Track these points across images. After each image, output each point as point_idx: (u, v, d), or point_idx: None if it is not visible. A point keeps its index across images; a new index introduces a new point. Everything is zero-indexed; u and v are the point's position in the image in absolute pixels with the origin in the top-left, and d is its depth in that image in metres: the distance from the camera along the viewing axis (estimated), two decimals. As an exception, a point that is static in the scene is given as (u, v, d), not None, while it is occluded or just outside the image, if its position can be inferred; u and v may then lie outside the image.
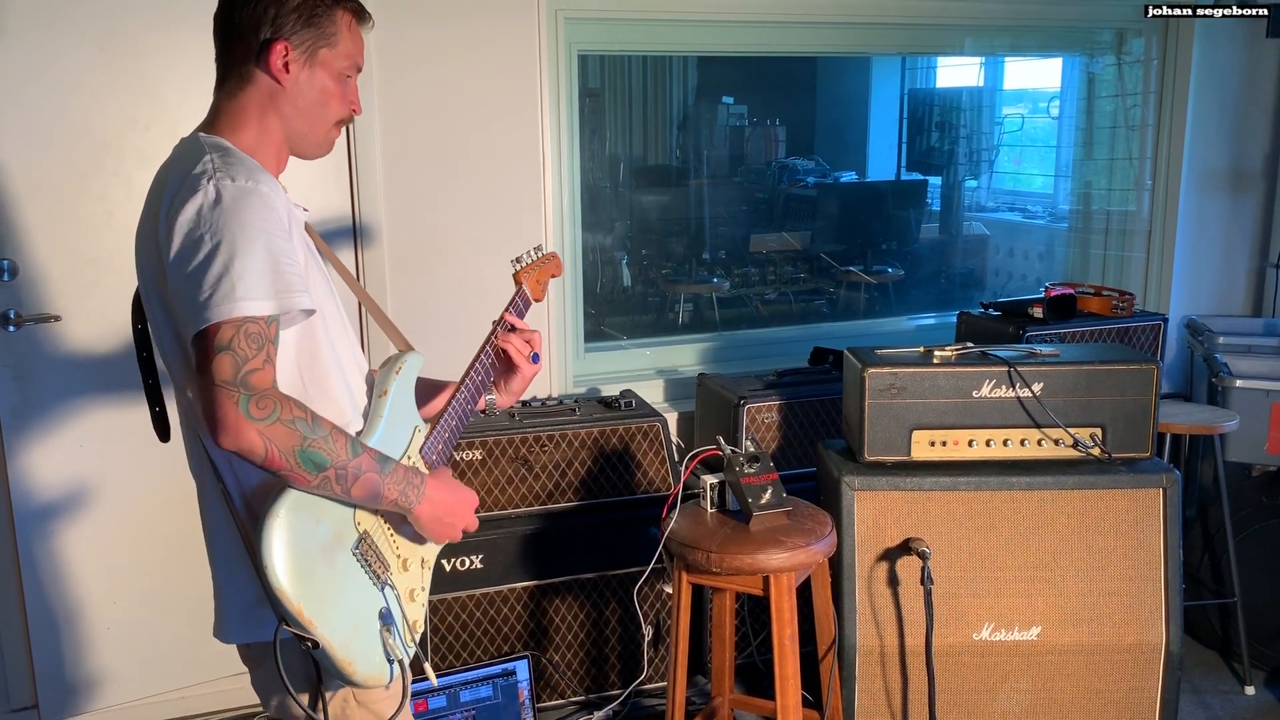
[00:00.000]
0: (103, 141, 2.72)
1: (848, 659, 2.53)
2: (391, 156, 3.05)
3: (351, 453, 1.41)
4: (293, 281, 1.41)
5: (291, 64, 1.54)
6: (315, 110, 1.59)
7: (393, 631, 1.52)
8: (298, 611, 1.38)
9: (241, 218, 1.39)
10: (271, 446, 1.34)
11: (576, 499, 2.98)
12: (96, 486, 2.84)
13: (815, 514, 2.39)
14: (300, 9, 1.53)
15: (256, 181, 1.43)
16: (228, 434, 1.33)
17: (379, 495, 1.47)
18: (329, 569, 1.45)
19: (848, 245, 5.56)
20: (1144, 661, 2.52)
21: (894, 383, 2.53)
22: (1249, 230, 4.17)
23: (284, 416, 1.35)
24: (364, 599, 1.51)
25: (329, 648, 1.41)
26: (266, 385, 1.35)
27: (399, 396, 1.63)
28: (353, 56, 1.61)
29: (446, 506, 1.58)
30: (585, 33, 3.36)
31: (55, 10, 2.61)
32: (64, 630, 2.86)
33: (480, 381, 1.79)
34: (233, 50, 1.55)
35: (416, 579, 1.64)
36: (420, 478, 1.54)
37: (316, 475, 1.38)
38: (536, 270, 1.97)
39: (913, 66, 6.47)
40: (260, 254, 1.38)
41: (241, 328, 1.34)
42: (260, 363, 1.35)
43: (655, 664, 3.04)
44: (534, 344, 1.85)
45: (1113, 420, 2.55)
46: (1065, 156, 4.58)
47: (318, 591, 1.41)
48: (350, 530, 1.50)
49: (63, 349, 2.76)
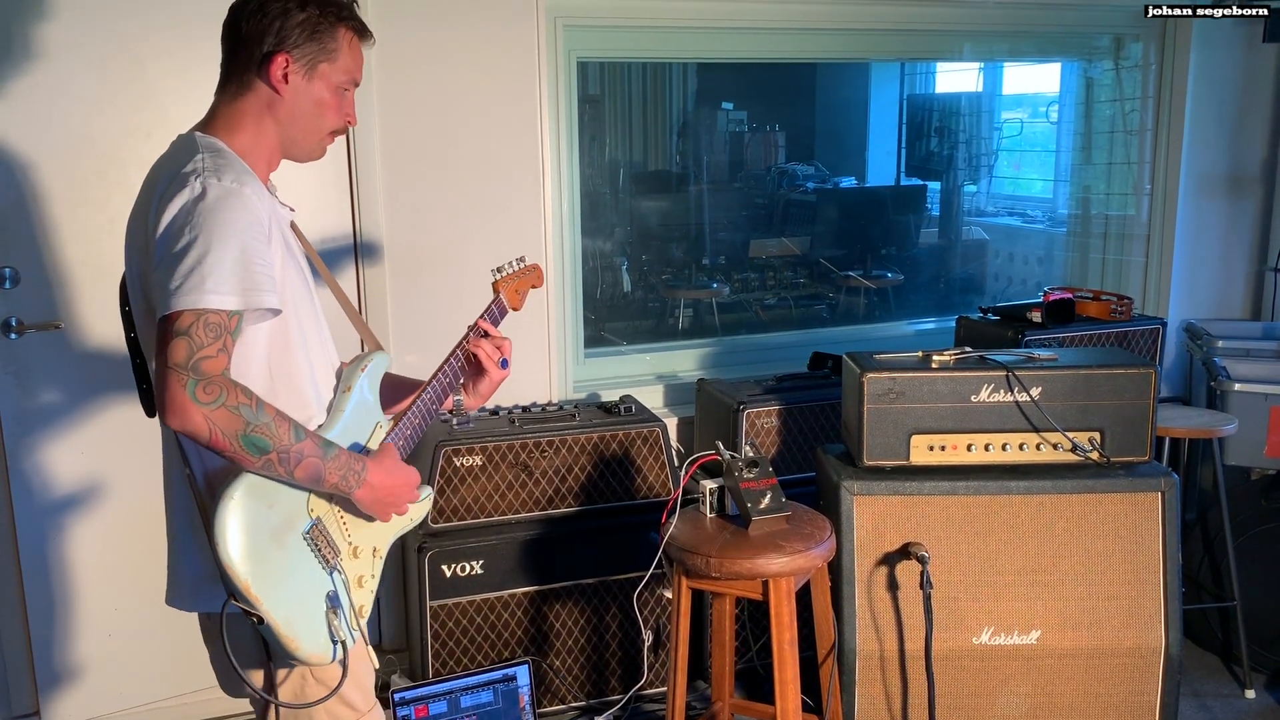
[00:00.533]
0: (104, 150, 2.73)
1: (847, 663, 2.54)
2: (391, 163, 3.06)
3: (294, 437, 1.49)
4: (261, 281, 1.49)
5: (291, 75, 1.62)
6: (310, 120, 1.66)
7: (339, 614, 1.60)
8: (245, 587, 1.46)
9: (222, 216, 1.47)
10: (215, 429, 1.42)
11: (577, 504, 2.98)
12: (98, 493, 2.84)
13: (814, 519, 2.40)
14: (304, 24, 1.61)
15: (241, 184, 1.52)
16: (175, 414, 1.42)
17: (320, 478, 1.55)
18: (279, 550, 1.53)
19: (847, 250, 5.56)
20: (1144, 665, 2.52)
21: (893, 387, 2.54)
22: (1247, 234, 4.17)
23: (229, 402, 1.43)
24: (312, 581, 1.58)
25: (273, 624, 1.49)
26: (216, 372, 1.43)
27: (362, 393, 1.73)
28: (351, 72, 1.69)
29: (385, 489, 1.66)
30: (585, 40, 3.38)
31: (56, 19, 2.62)
32: (66, 637, 2.87)
33: (448, 383, 1.87)
34: (237, 57, 1.63)
35: (366, 566, 1.71)
36: (361, 463, 1.61)
37: (260, 458, 1.46)
38: (516, 280, 2.05)
39: (912, 72, 6.48)
40: (233, 252, 1.46)
41: (202, 317, 1.43)
42: (214, 351, 1.44)
43: (655, 669, 3.05)
44: (504, 350, 1.94)
45: (1111, 424, 2.55)
46: (1064, 161, 4.58)
47: (266, 570, 1.49)
48: (303, 516, 1.59)
49: (64, 356, 2.76)
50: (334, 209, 3.02)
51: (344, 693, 1.69)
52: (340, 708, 1.72)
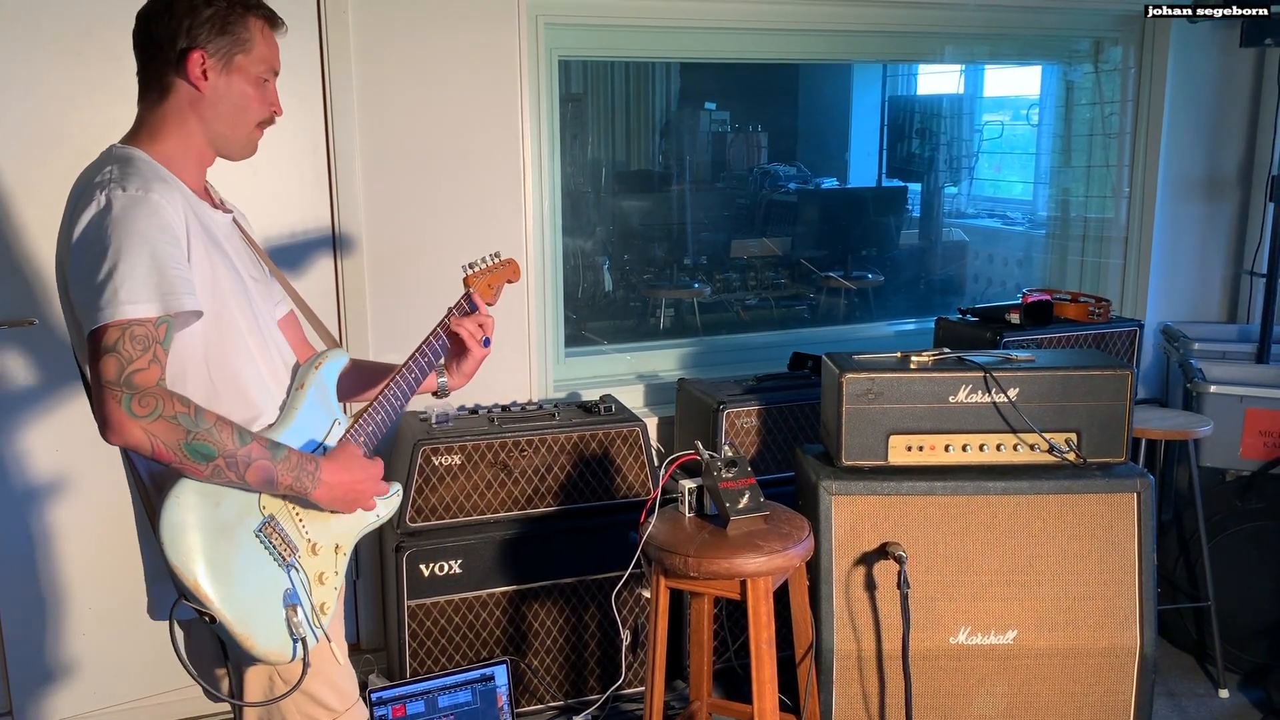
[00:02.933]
0: (80, 146, 2.68)
1: (825, 663, 2.54)
2: (371, 161, 3.05)
3: (238, 442, 1.48)
4: (177, 285, 1.47)
5: (209, 71, 1.62)
6: (235, 114, 1.67)
7: (299, 611, 1.58)
8: (194, 585, 1.45)
9: (127, 226, 1.46)
10: (156, 441, 1.41)
11: (556, 503, 2.98)
12: (71, 491, 2.82)
13: (793, 518, 2.40)
14: (213, 19, 1.62)
15: (147, 190, 1.50)
16: (114, 431, 1.40)
17: (273, 481, 1.53)
18: (229, 547, 1.52)
19: (828, 251, 5.58)
20: (1119, 665, 2.54)
21: (871, 388, 2.54)
22: (1224, 237, 4.21)
23: (165, 412, 1.41)
24: (266, 579, 1.57)
25: (226, 622, 1.48)
26: (150, 384, 1.42)
27: (316, 391, 1.71)
28: (268, 60, 1.69)
29: (344, 488, 1.64)
30: (566, 38, 3.37)
31: (30, 15, 2.60)
32: (39, 636, 2.84)
33: (414, 378, 1.86)
34: (152, 63, 1.64)
35: (328, 563, 1.69)
36: (315, 463, 1.60)
37: (206, 465, 1.45)
38: (489, 275, 2.04)
39: (894, 74, 6.51)
40: (144, 259, 1.45)
41: (127, 330, 1.42)
42: (145, 363, 1.42)
43: (634, 668, 3.04)
44: (486, 329, 1.94)
45: (1088, 425, 2.56)
46: (1044, 164, 4.61)
47: (214, 569, 1.48)
48: (254, 513, 1.57)
49: (37, 353, 2.74)
50: (313, 207, 2.99)
51: (314, 692, 1.67)
52: (313, 707, 1.70)
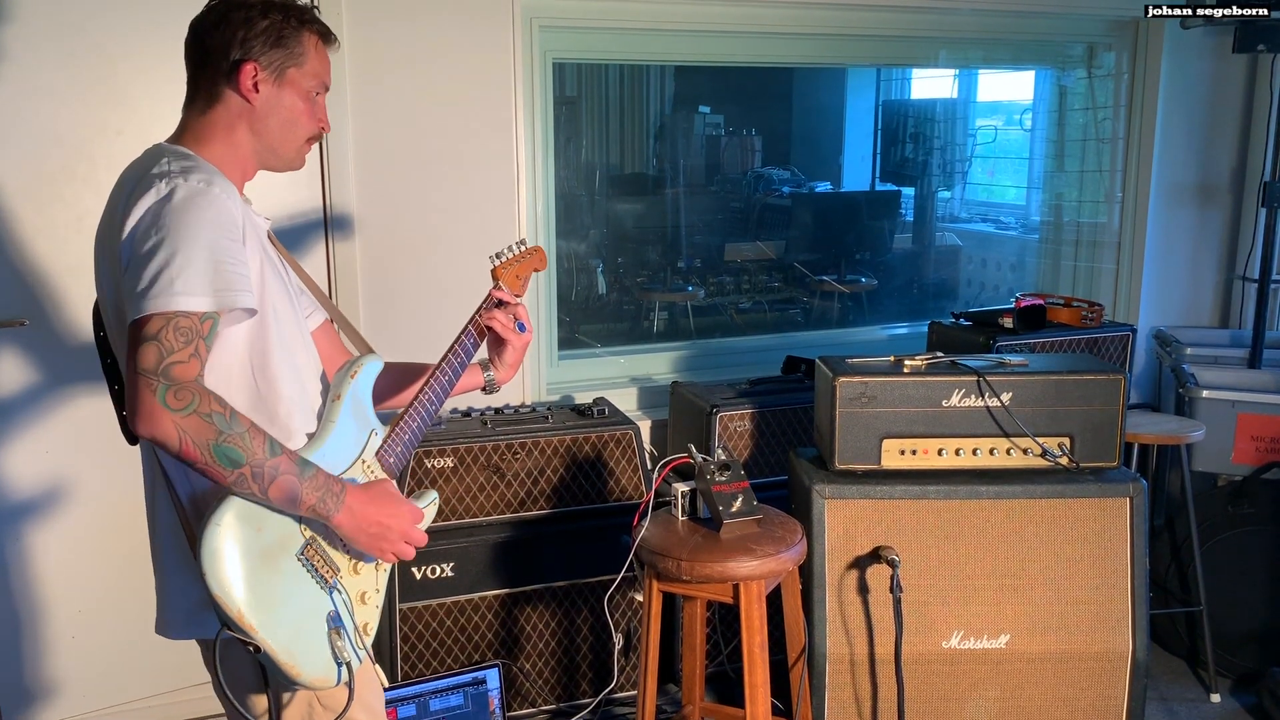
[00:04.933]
0: (73, 147, 2.70)
1: (818, 667, 2.54)
2: (364, 163, 3.04)
3: (269, 452, 1.42)
4: (234, 281, 1.44)
5: (261, 84, 1.60)
6: (284, 128, 1.64)
7: (342, 634, 1.54)
8: (238, 616, 1.41)
9: (190, 216, 1.43)
10: (186, 437, 1.36)
11: (548, 507, 2.97)
12: (60, 493, 2.81)
13: (786, 522, 2.40)
14: (268, 31, 1.59)
15: (209, 184, 1.48)
16: (144, 421, 1.36)
17: (297, 499, 1.46)
18: (272, 574, 1.47)
19: (822, 255, 5.58)
20: (1111, 669, 2.54)
21: (864, 391, 2.54)
22: (1216, 243, 4.22)
23: (200, 409, 1.37)
24: (310, 603, 1.52)
25: (271, 652, 1.44)
26: (188, 378, 1.38)
27: (353, 400, 1.65)
28: (320, 75, 1.67)
29: (369, 519, 1.56)
30: (560, 41, 3.37)
31: (23, 14, 2.59)
32: (27, 638, 2.83)
33: (447, 381, 1.81)
34: (204, 71, 1.61)
35: (370, 581, 1.65)
36: (341, 486, 1.53)
37: (232, 471, 1.39)
38: (516, 265, 1.97)
39: (887, 78, 6.52)
40: (203, 252, 1.42)
41: (171, 321, 1.38)
42: (185, 356, 1.38)
43: (626, 672, 3.04)
44: (520, 315, 1.90)
45: (1081, 430, 2.57)
46: (1037, 168, 4.62)
47: (259, 597, 1.43)
48: (295, 536, 1.52)
49: (29, 353, 2.73)
50: (306, 209, 2.99)
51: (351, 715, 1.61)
52: None
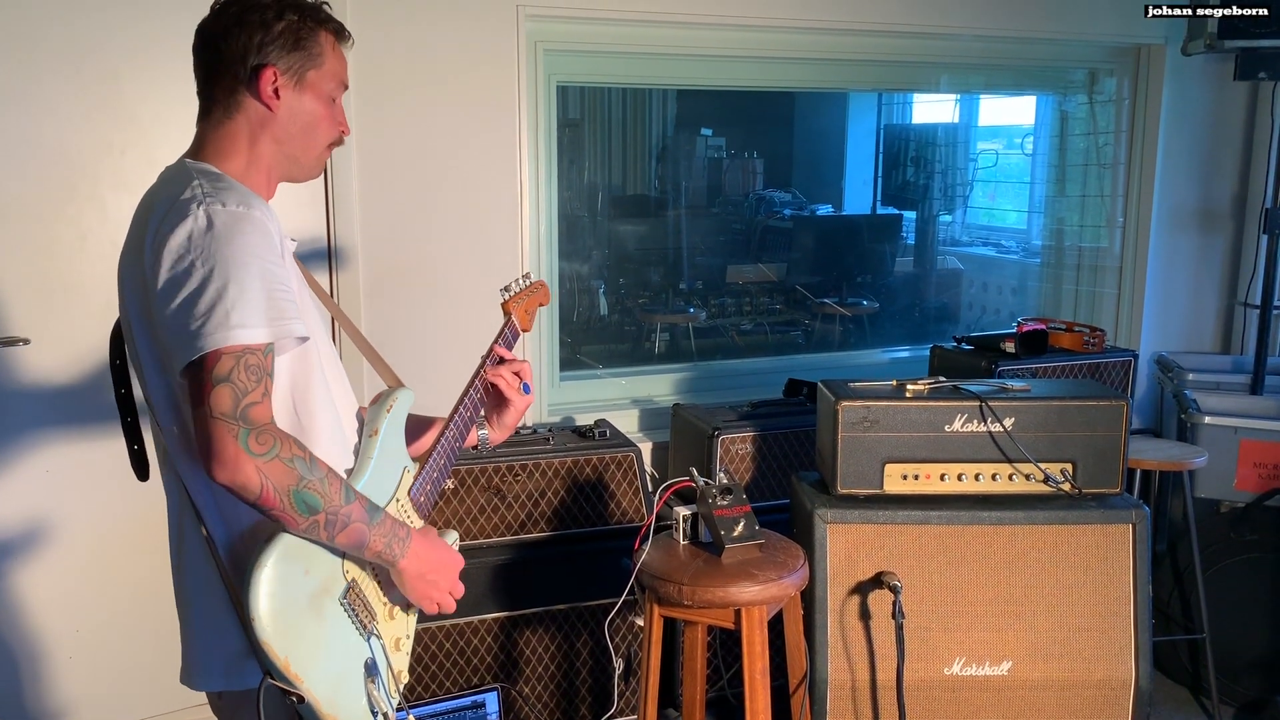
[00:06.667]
0: (78, 166, 2.71)
1: (819, 693, 2.52)
2: (368, 185, 3.05)
3: (345, 499, 1.38)
4: (286, 308, 1.37)
5: (281, 89, 1.52)
6: (306, 134, 1.57)
7: (377, 683, 1.48)
8: (284, 665, 1.34)
9: (234, 243, 1.35)
10: (267, 484, 1.29)
11: (549, 529, 2.96)
12: (61, 514, 2.80)
13: (788, 547, 2.39)
14: (285, 33, 1.52)
15: (249, 206, 1.40)
16: (225, 468, 1.28)
17: (364, 545, 1.43)
18: (317, 620, 1.41)
19: (823, 278, 5.59)
20: (1114, 697, 2.52)
21: (867, 416, 2.54)
22: (1218, 268, 4.22)
23: (283, 454, 1.31)
24: (350, 650, 1.47)
25: (315, 703, 1.37)
26: (266, 420, 1.31)
27: (389, 436, 1.59)
28: (339, 75, 1.60)
29: (431, 563, 1.54)
30: (564, 64, 3.38)
31: (30, 34, 2.60)
32: (25, 659, 2.81)
33: (469, 417, 1.75)
34: (219, 80, 1.52)
35: (403, 627, 1.60)
36: (406, 531, 1.50)
37: (308, 518, 1.34)
38: (526, 299, 1.93)
39: (889, 102, 6.55)
40: (255, 280, 1.34)
41: (241, 359, 1.30)
42: (259, 395, 1.31)
43: (626, 697, 3.02)
44: (524, 375, 1.82)
45: (1083, 456, 2.56)
46: (1038, 193, 4.63)
47: (305, 644, 1.37)
48: (339, 579, 1.46)
49: (30, 373, 2.73)
50: (310, 227, 2.99)
51: None
52: None
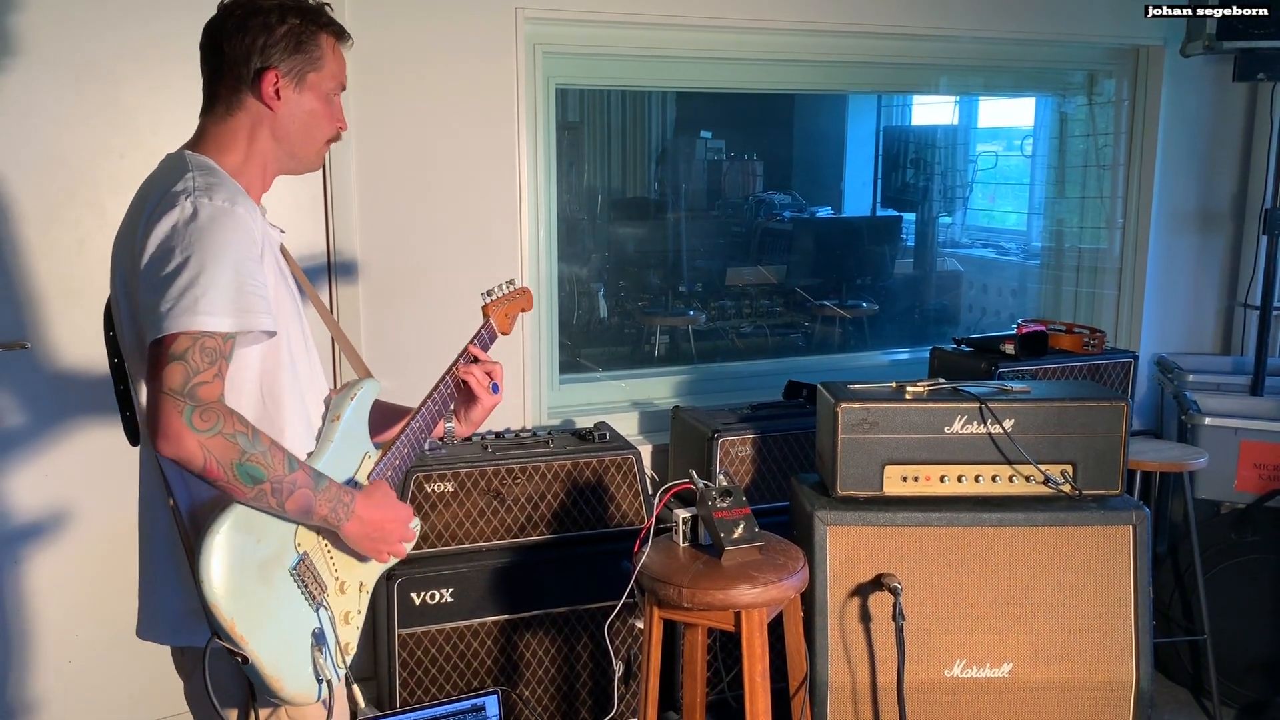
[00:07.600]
0: (77, 170, 2.71)
1: (819, 695, 2.52)
2: (368, 187, 3.05)
3: (288, 468, 1.46)
4: (255, 303, 1.46)
5: (282, 90, 1.61)
6: (305, 132, 1.66)
7: (324, 652, 1.56)
8: (230, 627, 1.42)
9: (214, 236, 1.44)
10: (210, 457, 1.38)
11: (549, 532, 2.96)
12: (61, 517, 2.80)
13: (788, 549, 2.39)
14: (287, 37, 1.60)
15: (234, 203, 1.48)
16: (169, 441, 1.38)
17: (310, 510, 1.51)
18: (265, 587, 1.49)
19: (823, 280, 5.59)
20: (1115, 699, 2.52)
21: (866, 417, 2.54)
22: (1217, 270, 4.22)
23: (225, 430, 1.39)
24: (298, 619, 1.55)
25: (258, 664, 1.46)
26: (213, 398, 1.40)
27: (351, 422, 1.69)
28: (338, 76, 1.68)
29: (374, 524, 1.62)
30: (564, 67, 3.38)
31: (28, 38, 2.60)
32: (25, 662, 2.81)
33: (437, 410, 1.84)
34: (223, 79, 1.61)
35: (353, 602, 1.68)
36: (351, 495, 1.58)
37: (253, 488, 1.42)
38: (506, 304, 2.01)
39: (888, 104, 6.54)
40: (228, 273, 1.43)
41: (198, 341, 1.40)
42: (210, 376, 1.40)
43: (626, 699, 3.02)
44: (495, 375, 1.90)
45: (1083, 457, 2.56)
46: (1038, 194, 4.63)
47: (252, 609, 1.45)
48: (290, 551, 1.55)
49: (30, 377, 2.72)
50: (308, 230, 3.00)
51: None
52: None
